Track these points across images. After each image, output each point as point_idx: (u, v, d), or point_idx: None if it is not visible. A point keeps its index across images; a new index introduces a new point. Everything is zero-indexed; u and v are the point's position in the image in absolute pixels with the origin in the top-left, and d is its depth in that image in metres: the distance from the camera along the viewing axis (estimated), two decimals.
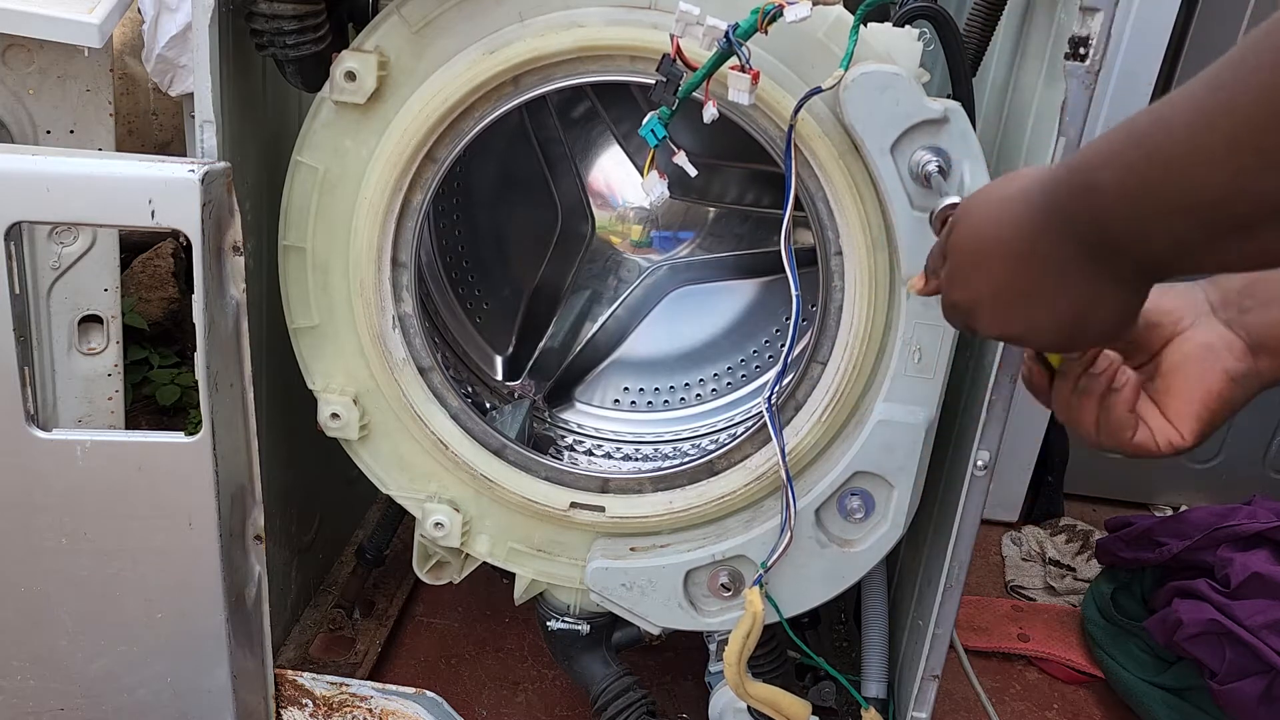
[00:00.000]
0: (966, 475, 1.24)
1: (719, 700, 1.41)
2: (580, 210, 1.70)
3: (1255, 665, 1.54)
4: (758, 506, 1.33)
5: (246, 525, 1.28)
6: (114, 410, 1.59)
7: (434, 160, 1.24)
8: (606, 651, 1.50)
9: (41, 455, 1.16)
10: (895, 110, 1.09)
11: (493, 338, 1.69)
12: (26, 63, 1.44)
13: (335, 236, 1.29)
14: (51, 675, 1.28)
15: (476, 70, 1.18)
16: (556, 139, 1.65)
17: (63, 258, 1.50)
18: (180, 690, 1.29)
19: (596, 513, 1.36)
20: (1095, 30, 1.05)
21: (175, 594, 1.24)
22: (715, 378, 1.70)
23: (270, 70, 1.31)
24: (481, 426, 1.36)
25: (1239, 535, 1.68)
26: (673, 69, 1.08)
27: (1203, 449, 2.20)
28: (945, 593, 1.31)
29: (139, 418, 2.23)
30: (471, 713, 1.66)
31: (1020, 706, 1.78)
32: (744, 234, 1.72)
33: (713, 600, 1.34)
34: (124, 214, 1.09)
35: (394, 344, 1.32)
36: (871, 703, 1.45)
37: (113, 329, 1.56)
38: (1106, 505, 2.30)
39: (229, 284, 1.17)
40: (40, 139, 1.48)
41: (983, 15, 1.24)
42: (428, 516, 1.39)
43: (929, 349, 1.19)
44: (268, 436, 1.34)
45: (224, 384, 1.17)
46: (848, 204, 1.17)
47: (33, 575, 1.22)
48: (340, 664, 1.65)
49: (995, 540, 2.17)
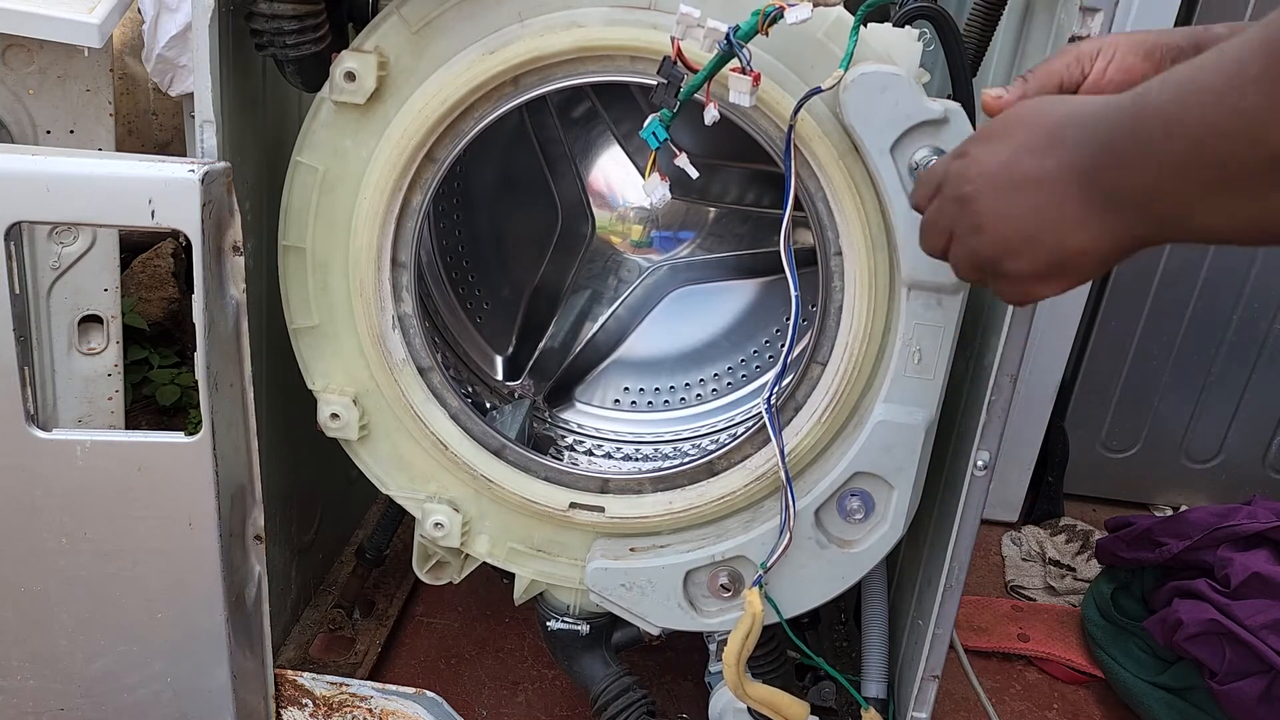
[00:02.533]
0: (966, 475, 1.24)
1: (719, 700, 1.41)
2: (580, 210, 1.70)
3: (1255, 665, 1.54)
4: (757, 507, 1.33)
5: (246, 525, 1.28)
6: (114, 410, 1.59)
7: (434, 160, 1.24)
8: (606, 651, 1.50)
9: (41, 455, 1.16)
10: (895, 111, 1.09)
11: (493, 338, 1.69)
12: (26, 63, 1.44)
13: (335, 236, 1.29)
14: (51, 675, 1.28)
15: (476, 70, 1.18)
16: (556, 139, 1.65)
17: (63, 258, 1.50)
18: (180, 690, 1.29)
19: (596, 513, 1.36)
20: (1095, 30, 1.05)
21: (175, 594, 1.24)
22: (715, 378, 1.70)
23: (270, 70, 1.31)
24: (481, 426, 1.36)
25: (1239, 535, 1.68)
26: (673, 71, 1.08)
27: (1203, 449, 2.23)
28: (945, 593, 1.31)
29: (139, 418, 2.23)
30: (471, 713, 1.66)
31: (1020, 706, 1.78)
32: (744, 234, 1.72)
33: (712, 601, 1.34)
34: (124, 214, 1.09)
35: (394, 344, 1.32)
36: (871, 703, 1.45)
37: (113, 329, 1.56)
38: (1106, 505, 2.30)
39: (229, 284, 1.17)
40: (40, 139, 1.48)
41: (983, 15, 1.24)
42: (428, 516, 1.39)
43: (929, 349, 1.19)
44: (268, 436, 1.34)
45: (224, 384, 1.17)
46: (847, 204, 1.17)
47: (33, 575, 1.22)
48: (340, 664, 1.65)
49: (995, 540, 2.18)
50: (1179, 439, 2.23)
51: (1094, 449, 2.26)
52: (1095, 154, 0.75)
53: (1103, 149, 0.74)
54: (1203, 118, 0.65)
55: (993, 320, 1.25)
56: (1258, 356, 2.13)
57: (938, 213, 0.91)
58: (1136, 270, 2.08)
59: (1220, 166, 0.66)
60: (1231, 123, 0.64)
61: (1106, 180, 0.74)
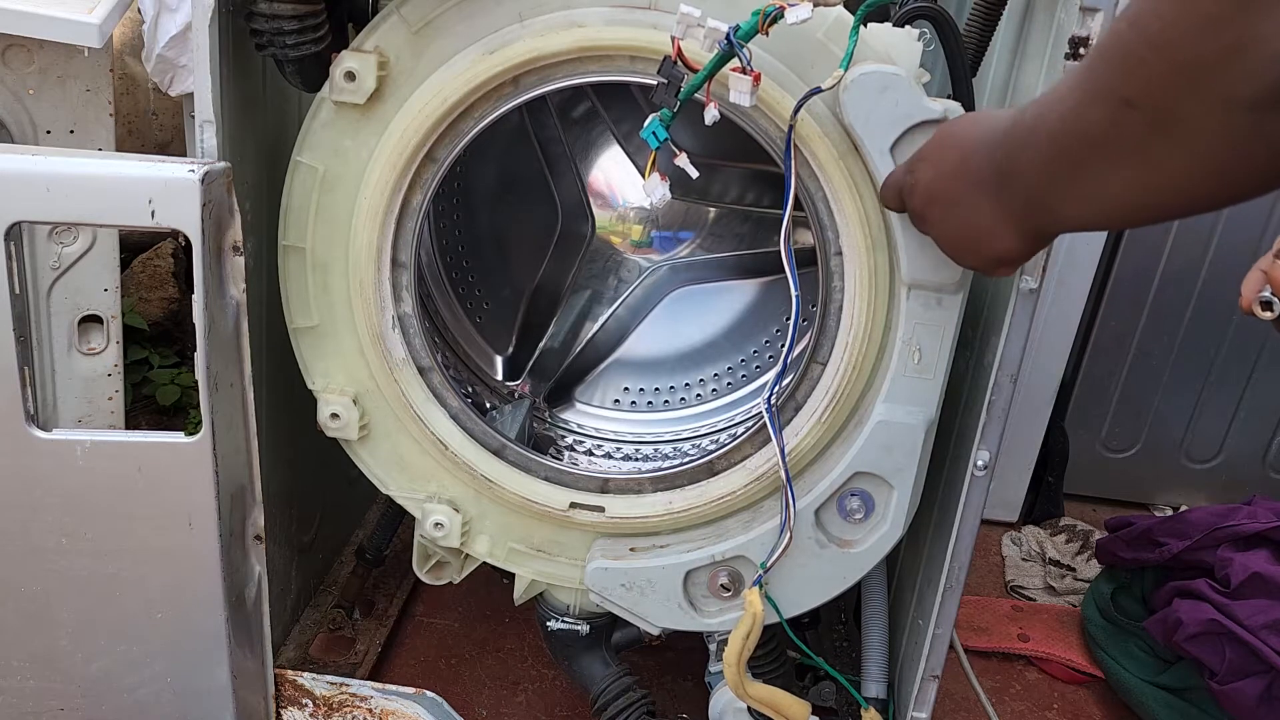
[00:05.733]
0: (966, 475, 1.24)
1: (719, 700, 1.41)
2: (580, 210, 1.70)
3: (1255, 665, 1.54)
4: (757, 507, 1.33)
5: (246, 525, 1.28)
6: (114, 410, 1.59)
7: (434, 160, 1.24)
8: (606, 651, 1.50)
9: (41, 455, 1.16)
10: (895, 111, 1.09)
11: (493, 338, 1.69)
12: (26, 63, 1.44)
13: (335, 236, 1.29)
14: (51, 675, 1.28)
15: (476, 70, 1.18)
16: (556, 139, 1.65)
17: (63, 258, 1.50)
18: (180, 690, 1.29)
19: (596, 513, 1.36)
20: (1095, 30, 1.05)
21: (175, 594, 1.24)
22: (715, 378, 1.70)
23: (270, 70, 1.31)
24: (481, 426, 1.36)
25: (1239, 535, 1.68)
26: (674, 71, 1.08)
27: (1203, 449, 2.23)
28: (945, 593, 1.31)
29: (139, 418, 2.23)
30: (471, 713, 1.66)
31: (1020, 706, 1.78)
32: (744, 234, 1.72)
33: (712, 601, 1.34)
34: (124, 214, 1.09)
35: (394, 344, 1.32)
36: (871, 703, 1.45)
37: (113, 329, 1.56)
38: (1106, 505, 2.30)
39: (229, 284, 1.17)
40: (40, 139, 1.48)
41: (983, 15, 1.24)
42: (427, 516, 1.39)
43: (929, 349, 1.19)
44: (268, 436, 1.34)
45: (224, 384, 1.17)
46: (847, 204, 1.17)
47: (33, 575, 1.22)
48: (340, 664, 1.65)
49: (995, 540, 2.18)
50: (1179, 439, 2.23)
51: (1094, 449, 2.26)
52: (996, 172, 0.89)
53: (999, 165, 0.88)
54: (1046, 121, 0.80)
55: (993, 320, 1.25)
56: (1258, 356, 2.13)
57: (911, 216, 1.07)
58: (1136, 270, 2.08)
59: (1059, 160, 0.79)
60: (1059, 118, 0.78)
61: (1006, 191, 0.88)
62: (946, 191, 0.97)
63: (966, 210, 0.94)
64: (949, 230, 0.99)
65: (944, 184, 0.98)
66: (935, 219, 1.00)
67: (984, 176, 0.91)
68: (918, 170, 1.02)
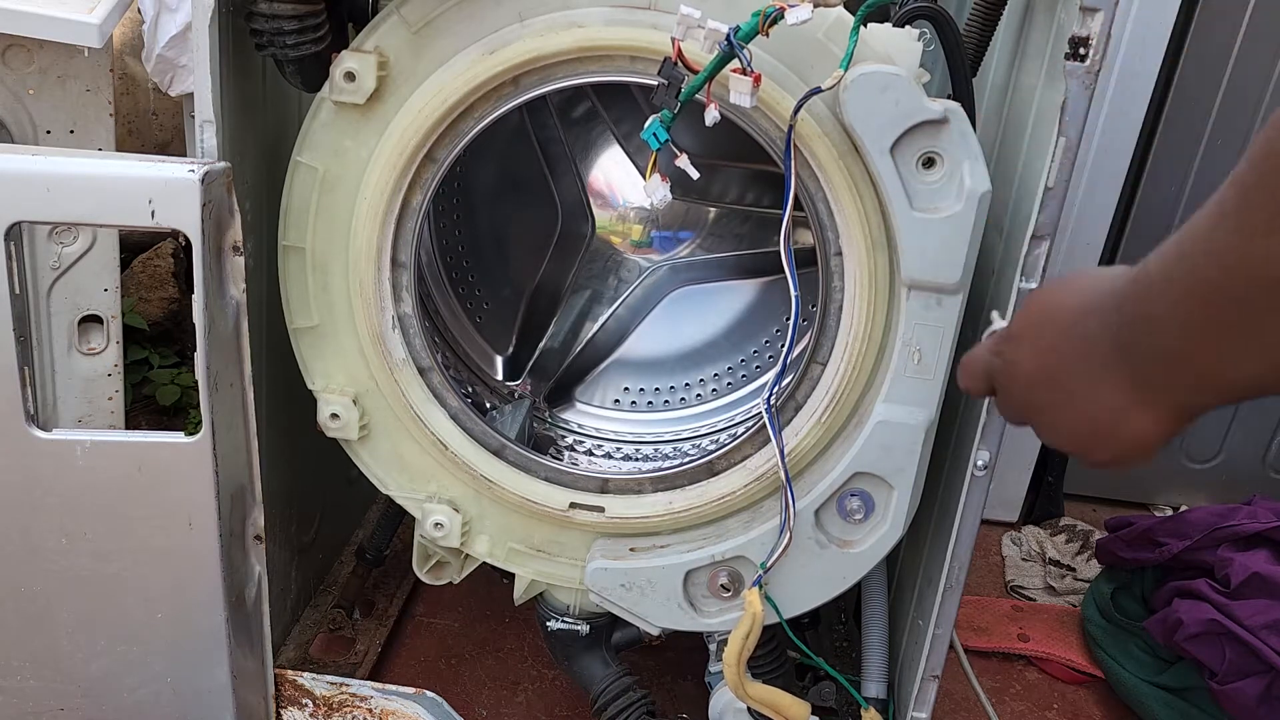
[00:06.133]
0: (966, 475, 1.24)
1: (719, 700, 1.41)
2: (580, 210, 1.70)
3: (1255, 665, 1.54)
4: (757, 507, 1.33)
5: (246, 525, 1.28)
6: (114, 410, 1.59)
7: (434, 160, 1.24)
8: (606, 652, 1.50)
9: (41, 455, 1.16)
10: (895, 111, 1.09)
11: (493, 338, 1.69)
12: (26, 63, 1.44)
13: (335, 236, 1.29)
14: (51, 675, 1.28)
15: (476, 70, 1.18)
16: (557, 139, 1.65)
17: (63, 258, 1.50)
18: (180, 690, 1.29)
19: (596, 513, 1.36)
20: (1095, 30, 1.05)
21: (175, 594, 1.24)
22: (715, 378, 1.70)
23: (270, 70, 1.31)
24: (481, 426, 1.36)
25: (1239, 535, 1.68)
26: (674, 72, 1.08)
27: (1203, 449, 2.23)
28: (945, 593, 1.31)
29: (139, 418, 2.23)
30: (471, 713, 1.66)
31: (1020, 706, 1.78)
32: (744, 234, 1.72)
33: (712, 601, 1.34)
34: (124, 214, 1.09)
35: (394, 344, 1.32)
36: (871, 703, 1.45)
37: (113, 329, 1.56)
38: (1106, 505, 2.30)
39: (229, 284, 1.17)
40: (40, 139, 1.48)
41: (983, 15, 1.24)
42: (427, 516, 1.39)
43: (929, 350, 1.19)
44: (268, 436, 1.34)
45: (224, 384, 1.17)
46: (847, 204, 1.17)
47: (33, 575, 1.22)
48: (340, 664, 1.65)
49: (995, 540, 2.17)
50: (1179, 439, 2.23)
51: None
52: (1115, 344, 0.74)
53: (1119, 336, 0.73)
54: (1193, 268, 0.64)
55: None
56: None
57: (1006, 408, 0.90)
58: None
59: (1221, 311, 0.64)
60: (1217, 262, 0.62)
61: (1130, 363, 0.73)
62: (1056, 373, 0.81)
63: (1085, 393, 0.78)
64: (1067, 420, 0.81)
65: (1051, 364, 0.81)
66: (1045, 406, 0.83)
67: (1101, 349, 0.75)
68: (1009, 351, 0.86)
